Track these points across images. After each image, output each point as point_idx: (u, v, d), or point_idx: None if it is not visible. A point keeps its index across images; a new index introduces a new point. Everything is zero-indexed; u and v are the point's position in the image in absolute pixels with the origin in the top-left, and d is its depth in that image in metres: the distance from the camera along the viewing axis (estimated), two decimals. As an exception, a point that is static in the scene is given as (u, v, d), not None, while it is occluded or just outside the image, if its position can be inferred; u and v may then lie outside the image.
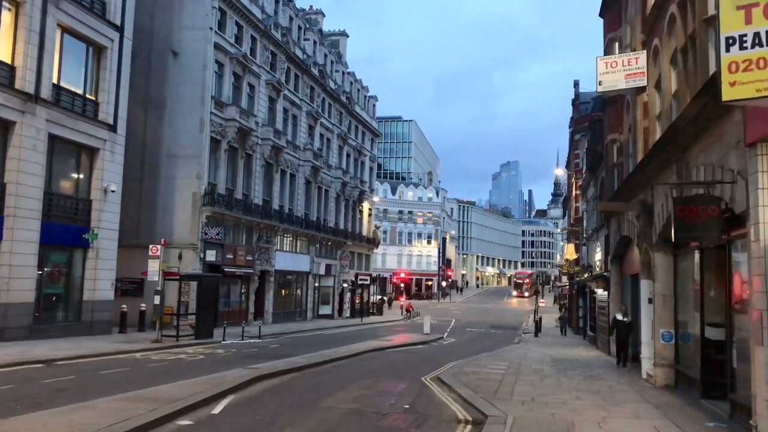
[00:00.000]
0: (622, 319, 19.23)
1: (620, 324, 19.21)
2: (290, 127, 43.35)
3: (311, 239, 45.84)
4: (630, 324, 19.04)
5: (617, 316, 19.54)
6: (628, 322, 19.07)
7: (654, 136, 15.64)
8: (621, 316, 19.40)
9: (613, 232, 23.10)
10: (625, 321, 19.14)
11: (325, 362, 18.71)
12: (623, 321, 19.17)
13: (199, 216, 32.26)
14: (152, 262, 24.48)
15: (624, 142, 20.47)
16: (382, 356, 22.36)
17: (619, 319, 19.31)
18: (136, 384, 13.31)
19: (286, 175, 42.30)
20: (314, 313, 47.50)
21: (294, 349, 23.70)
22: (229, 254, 34.93)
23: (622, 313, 19.50)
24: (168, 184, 32.78)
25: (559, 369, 18.94)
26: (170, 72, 33.48)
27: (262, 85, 38.89)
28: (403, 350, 25.68)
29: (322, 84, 48.28)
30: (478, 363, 19.86)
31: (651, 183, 12.85)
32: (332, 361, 19.31)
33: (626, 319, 19.21)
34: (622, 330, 19.18)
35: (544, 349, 27.52)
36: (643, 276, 16.93)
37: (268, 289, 39.74)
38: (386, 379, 15.97)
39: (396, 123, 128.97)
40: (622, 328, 19.17)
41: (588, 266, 32.14)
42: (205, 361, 19.20)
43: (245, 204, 36.50)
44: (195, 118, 32.80)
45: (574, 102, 48.58)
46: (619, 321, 19.29)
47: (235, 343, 26.11)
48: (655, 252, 15.20)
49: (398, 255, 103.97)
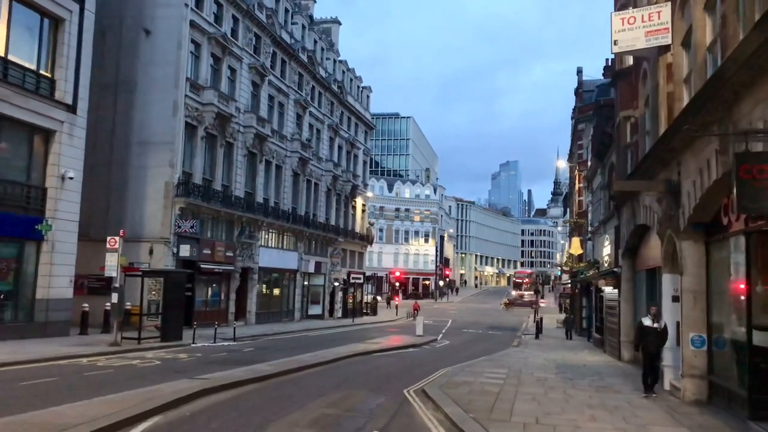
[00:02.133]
0: (651, 326, 13.62)
1: (649, 332, 13.59)
2: (276, 115, 40.79)
3: (299, 235, 43.27)
4: (663, 332, 13.65)
5: (644, 321, 13.84)
6: (659, 330, 13.63)
7: (681, 103, 13.14)
8: (650, 320, 13.69)
9: (625, 222, 20.58)
10: (656, 328, 13.61)
11: (295, 370, 16.18)
12: (653, 328, 13.58)
13: (172, 207, 29.71)
14: (110, 256, 21.92)
15: (639, 117, 17.96)
16: (364, 362, 19.82)
17: (647, 324, 13.67)
18: (49, 399, 10.82)
19: (271, 166, 39.73)
20: (303, 313, 44.94)
21: (268, 354, 21.18)
22: (207, 249, 32.39)
23: (651, 317, 13.76)
24: (138, 173, 30.23)
25: (565, 378, 16.41)
26: (142, 51, 30.94)
27: (244, 69, 36.34)
28: (391, 354, 23.13)
29: (311, 71, 45.71)
30: (473, 370, 17.33)
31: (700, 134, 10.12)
32: (305, 368, 16.78)
33: (657, 325, 13.66)
34: (651, 340, 13.54)
35: (546, 353, 25.00)
36: (665, 269, 14.40)
37: (251, 287, 37.19)
38: (362, 391, 13.42)
39: (394, 120, 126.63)
40: (651, 337, 13.54)
41: (594, 262, 29.64)
42: (158, 368, 16.68)
43: (225, 196, 33.95)
44: (168, 102, 30.25)
45: (577, 90, 46.10)
46: (647, 327, 13.64)
47: (206, 347, 23.68)
48: (682, 240, 12.68)
49: (395, 254, 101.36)
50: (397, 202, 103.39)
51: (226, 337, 26.52)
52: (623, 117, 20.22)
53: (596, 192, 30.16)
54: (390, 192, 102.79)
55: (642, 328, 13.84)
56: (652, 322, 13.69)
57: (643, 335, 13.68)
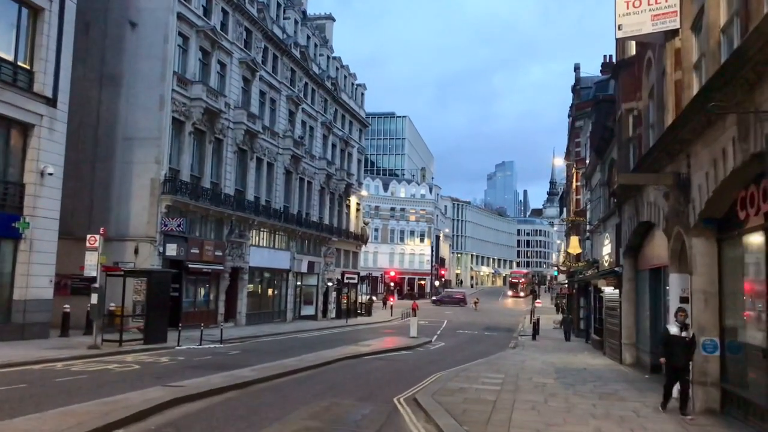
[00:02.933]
0: (678, 335, 11.47)
1: (676, 342, 11.43)
2: (267, 111, 39.86)
3: (291, 234, 42.33)
4: (692, 343, 11.50)
5: (670, 330, 11.69)
6: (688, 340, 11.45)
7: (690, 91, 12.28)
8: (677, 328, 11.54)
9: (626, 220, 19.74)
10: (684, 337, 11.43)
11: (278, 376, 15.27)
12: (680, 338, 11.43)
13: (158, 205, 28.76)
14: (90, 255, 20.97)
15: (643, 109, 17.11)
16: (354, 366, 18.91)
17: (674, 333, 11.53)
18: (6, 410, 9.90)
19: (262, 164, 38.80)
20: (295, 314, 44.01)
21: (255, 357, 20.31)
22: (195, 249, 31.45)
23: (679, 325, 11.55)
24: (124, 170, 29.27)
25: (566, 383, 15.54)
26: (128, 45, 29.97)
27: (234, 64, 35.40)
28: (383, 357, 22.24)
29: (304, 67, 44.78)
30: (468, 375, 16.44)
31: (728, 111, 9.13)
32: (289, 373, 15.87)
33: (685, 334, 11.47)
34: (677, 352, 11.39)
35: (545, 356, 24.14)
36: (672, 269, 13.55)
37: (241, 287, 36.26)
38: (348, 399, 12.51)
39: (389, 119, 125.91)
40: (677, 348, 11.39)
41: (593, 261, 28.79)
42: (135, 373, 15.76)
43: (214, 193, 33.01)
44: (154, 96, 29.31)
45: (575, 87, 45.26)
46: (674, 337, 11.49)
47: (191, 349, 22.77)
48: (692, 237, 11.82)
49: (390, 253, 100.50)
50: (393, 201, 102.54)
51: (214, 339, 25.62)
52: (625, 110, 19.36)
53: (595, 189, 29.32)
54: (385, 191, 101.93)
55: (668, 337, 11.62)
56: (680, 331, 11.49)
57: (669, 345, 11.53)
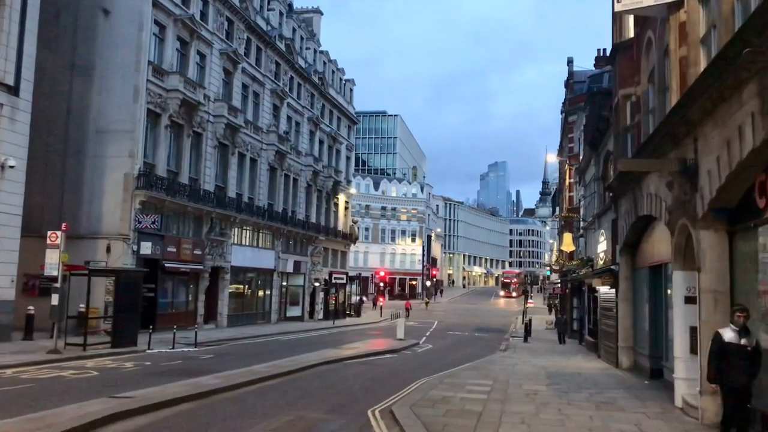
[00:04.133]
0: (737, 342, 8.46)
1: (734, 352, 8.46)
2: (251, 105, 38.49)
3: (276, 233, 40.96)
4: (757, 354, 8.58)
5: (724, 335, 8.58)
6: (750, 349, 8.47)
7: (697, 68, 11.05)
8: (734, 333, 8.52)
9: (623, 215, 18.52)
10: (744, 346, 8.42)
11: (247, 383, 13.95)
12: (740, 346, 8.44)
13: (132, 201, 27.35)
14: (50, 253, 19.56)
15: (642, 95, 15.88)
16: (333, 371, 17.59)
17: (730, 341, 8.50)
18: None
19: (245, 159, 37.43)
20: (280, 315, 42.62)
21: (228, 362, 19.01)
22: (172, 247, 30.06)
23: (737, 329, 8.53)
24: (95, 164, 27.86)
25: (559, 391, 14.28)
26: (100, 33, 28.56)
27: (215, 55, 34.02)
28: (366, 362, 20.94)
29: (289, 60, 43.42)
30: (453, 382, 15.16)
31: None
32: (260, 381, 14.55)
33: (745, 341, 8.44)
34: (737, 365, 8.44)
35: (537, 359, 22.91)
36: (676, 266, 12.32)
37: (222, 288, 34.87)
38: (317, 412, 11.20)
39: (381, 118, 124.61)
40: (737, 360, 8.45)
41: (588, 260, 27.60)
42: (89, 381, 14.43)
43: (193, 189, 31.61)
44: (128, 87, 27.91)
45: (568, 82, 44.13)
46: (731, 345, 8.48)
47: (161, 353, 21.42)
48: (700, 230, 10.59)
49: (381, 253, 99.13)
50: (384, 200, 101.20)
51: (189, 342, 24.25)
52: (623, 96, 18.14)
53: (589, 185, 28.12)
54: (376, 190, 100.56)
55: (721, 345, 8.52)
56: (738, 337, 8.43)
57: (723, 357, 8.51)
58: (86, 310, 21.01)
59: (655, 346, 16.25)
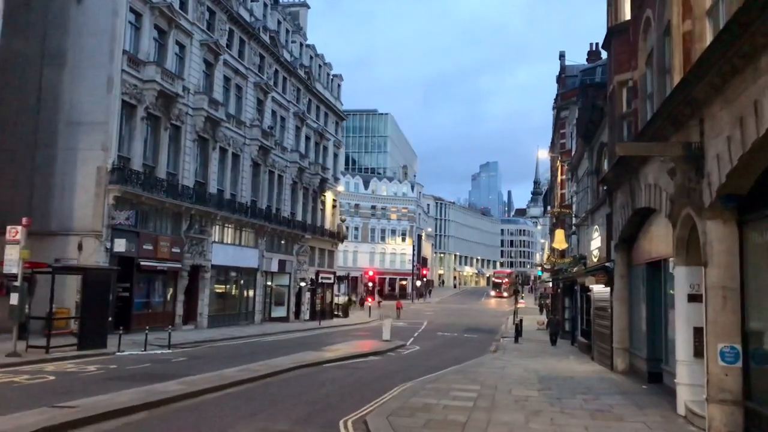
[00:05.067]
0: None
1: None
2: (233, 98, 37.28)
3: (260, 231, 39.76)
4: None
5: None
6: None
7: (702, 43, 10.02)
8: None
9: (618, 209, 17.50)
10: None
11: (212, 389, 12.81)
12: None
13: (105, 196, 26.15)
14: (10, 249, 18.35)
15: (639, 79, 14.86)
16: (309, 376, 16.46)
17: None
18: None
19: (226, 154, 36.23)
20: (265, 315, 41.43)
21: (200, 365, 17.89)
22: (148, 245, 28.86)
23: None
24: (67, 157, 26.64)
25: (551, 397, 13.22)
26: (73, 20, 27.38)
27: (195, 46, 32.80)
28: (347, 365, 19.81)
29: (274, 53, 42.22)
30: (438, 387, 14.07)
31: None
32: (228, 386, 13.41)
33: None
34: None
35: (527, 361, 21.87)
36: (678, 261, 11.28)
37: (202, 287, 33.66)
38: (283, 423, 10.07)
39: (371, 116, 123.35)
40: None
41: (580, 257, 26.59)
42: (40, 388, 13.26)
43: (171, 185, 30.39)
44: (102, 77, 26.71)
45: (560, 76, 43.16)
46: None
47: (132, 356, 20.31)
48: (707, 220, 9.55)
49: (370, 253, 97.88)
50: (373, 199, 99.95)
51: (164, 344, 23.09)
52: (618, 82, 17.11)
53: (582, 180, 27.10)
54: (366, 189, 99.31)
55: None
56: None
57: None
58: (49, 310, 19.74)
59: (653, 349, 15.22)
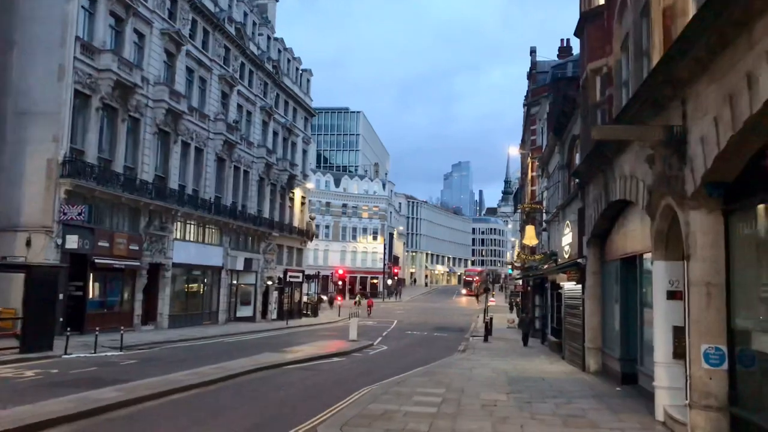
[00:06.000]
0: None
1: None
2: (196, 91, 36.00)
3: (224, 228, 38.49)
4: None
5: None
6: None
7: (685, 18, 9.29)
8: None
9: (591, 203, 16.81)
10: None
11: (152, 397, 11.74)
12: None
13: (56, 190, 24.77)
14: (-57, 245, 17.04)
15: (614, 65, 14.14)
16: (265, 380, 15.45)
17: None
18: None
19: (189, 148, 34.91)
20: (230, 315, 40.15)
21: (150, 369, 16.79)
22: (104, 241, 27.47)
23: None
24: (15, 149, 25.18)
25: (521, 400, 12.41)
26: (20, 5, 25.98)
27: (155, 35, 31.45)
28: (308, 367, 18.84)
29: (239, 45, 40.95)
30: (401, 391, 13.17)
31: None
32: (171, 393, 12.34)
33: None
34: None
35: (497, 361, 21.13)
36: (657, 255, 10.54)
37: (162, 286, 32.34)
38: (225, 435, 9.11)
39: (343, 114, 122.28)
40: None
41: (551, 254, 25.97)
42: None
43: (128, 179, 29.04)
44: (52, 65, 25.31)
45: (531, 73, 42.67)
46: None
47: (79, 359, 19.15)
48: (691, 210, 8.80)
49: (341, 251, 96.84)
50: (345, 197, 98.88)
51: (114, 346, 21.87)
52: (591, 70, 16.40)
53: (553, 175, 26.48)
54: (337, 187, 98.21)
55: None
56: None
57: None
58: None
59: (627, 348, 14.53)
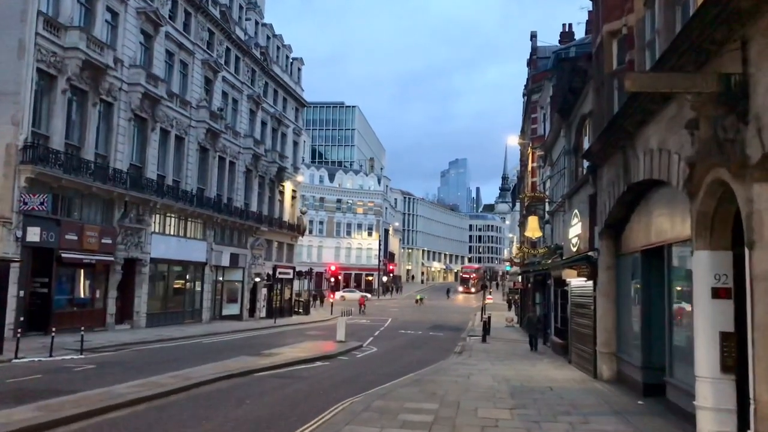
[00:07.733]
0: None
1: None
2: (177, 76, 33.88)
3: (208, 221, 36.39)
4: None
5: None
6: None
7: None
8: None
9: (605, 188, 14.78)
10: None
11: (79, 417, 9.69)
12: None
13: (16, 177, 22.69)
14: None
15: (636, 24, 12.12)
16: (231, 391, 13.40)
17: None
18: None
19: (169, 136, 32.80)
20: (214, 313, 38.08)
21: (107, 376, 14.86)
22: (72, 234, 25.38)
23: None
24: (-30, 133, 23.06)
25: (527, 419, 10.39)
26: (-22, -24, 23.75)
27: (130, 14, 29.32)
28: (285, 373, 16.79)
29: (225, 29, 38.81)
30: (386, 406, 11.14)
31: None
32: (107, 410, 10.28)
33: None
34: None
35: (497, 366, 19.13)
36: (700, 244, 8.51)
37: (139, 282, 30.25)
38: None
39: (338, 108, 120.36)
40: None
41: (556, 248, 23.94)
42: None
43: (100, 167, 26.94)
44: (12, 41, 23.17)
45: (531, 58, 40.63)
46: None
47: (32, 363, 17.26)
48: (756, 182, 6.79)
49: (336, 248, 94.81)
50: (339, 192, 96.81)
51: (74, 347, 19.83)
52: (608, 33, 14.35)
53: (558, 162, 24.41)
54: (331, 182, 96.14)
55: None
56: None
57: None
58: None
59: (649, 355, 12.53)
